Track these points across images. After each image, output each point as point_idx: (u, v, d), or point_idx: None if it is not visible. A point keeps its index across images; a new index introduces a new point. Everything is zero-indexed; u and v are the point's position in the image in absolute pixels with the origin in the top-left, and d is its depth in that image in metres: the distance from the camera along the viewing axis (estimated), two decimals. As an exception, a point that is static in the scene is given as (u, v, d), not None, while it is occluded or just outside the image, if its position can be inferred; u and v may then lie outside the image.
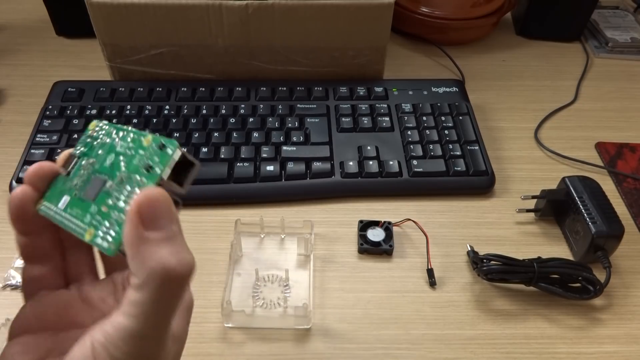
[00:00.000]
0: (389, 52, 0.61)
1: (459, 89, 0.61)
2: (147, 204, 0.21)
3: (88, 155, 0.26)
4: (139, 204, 0.21)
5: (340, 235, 0.48)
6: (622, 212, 0.50)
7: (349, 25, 0.57)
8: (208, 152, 0.52)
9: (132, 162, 0.24)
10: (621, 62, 0.72)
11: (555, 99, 0.64)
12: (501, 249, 0.45)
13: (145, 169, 0.23)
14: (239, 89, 0.59)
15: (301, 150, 0.53)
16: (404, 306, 0.43)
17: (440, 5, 0.69)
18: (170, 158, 0.23)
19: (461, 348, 0.41)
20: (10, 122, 0.58)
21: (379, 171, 0.52)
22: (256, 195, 0.50)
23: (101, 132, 0.27)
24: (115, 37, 0.57)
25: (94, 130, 0.27)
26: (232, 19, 0.56)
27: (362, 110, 0.57)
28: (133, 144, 0.25)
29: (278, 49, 0.59)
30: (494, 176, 0.52)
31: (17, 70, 0.65)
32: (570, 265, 0.43)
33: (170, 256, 0.21)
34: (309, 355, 0.40)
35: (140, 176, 0.23)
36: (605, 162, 0.56)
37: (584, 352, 0.41)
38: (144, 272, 0.21)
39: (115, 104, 0.56)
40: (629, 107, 0.64)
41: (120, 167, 0.24)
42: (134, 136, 0.25)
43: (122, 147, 0.25)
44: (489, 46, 0.73)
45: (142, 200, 0.21)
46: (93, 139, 0.27)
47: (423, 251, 0.47)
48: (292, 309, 0.42)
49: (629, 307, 0.44)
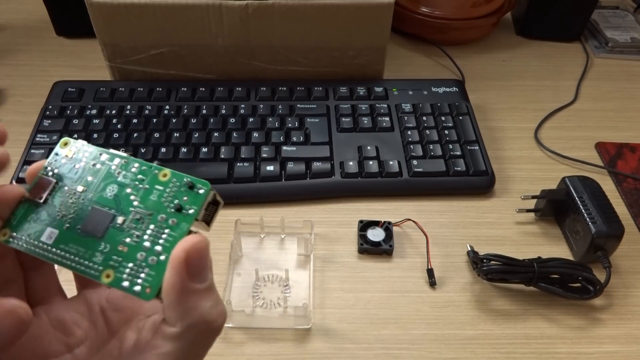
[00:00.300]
0: (389, 52, 0.61)
1: (459, 89, 0.61)
2: (195, 254, 0.20)
3: (71, 180, 0.24)
4: (188, 253, 0.20)
5: (340, 235, 0.48)
6: (622, 212, 0.50)
7: (349, 25, 0.57)
8: (208, 152, 0.52)
9: (150, 198, 0.23)
10: (621, 62, 0.72)
11: (555, 99, 0.64)
12: (501, 249, 0.45)
13: (176, 209, 0.22)
14: (239, 89, 0.59)
15: (301, 150, 0.53)
16: (404, 306, 0.43)
17: (440, 5, 0.69)
18: (204, 199, 0.23)
19: (461, 348, 0.41)
20: (10, 122, 0.58)
21: (379, 171, 0.52)
22: (256, 195, 0.50)
23: (82, 155, 0.24)
24: (115, 37, 0.57)
25: (69, 150, 0.24)
26: (232, 19, 0.56)
27: (362, 110, 0.57)
28: (144, 176, 0.23)
29: (278, 49, 0.59)
30: (494, 176, 0.53)
31: (17, 70, 0.65)
32: (570, 265, 0.43)
33: (212, 309, 0.21)
34: (309, 355, 0.40)
35: (170, 217, 0.22)
36: (605, 162, 0.56)
37: (584, 352, 0.41)
38: (184, 324, 0.20)
39: (115, 104, 0.56)
40: (629, 107, 0.64)
41: (131, 202, 0.23)
42: (141, 167, 0.24)
43: (126, 178, 0.23)
44: (489, 46, 0.73)
45: (191, 249, 0.20)
46: (72, 160, 0.24)
47: (423, 251, 0.47)
48: (292, 309, 0.42)
49: (629, 307, 0.44)
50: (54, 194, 0.24)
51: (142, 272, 0.21)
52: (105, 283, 0.22)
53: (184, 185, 0.23)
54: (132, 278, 0.21)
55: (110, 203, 0.23)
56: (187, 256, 0.20)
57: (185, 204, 0.22)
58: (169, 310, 0.21)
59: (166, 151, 0.52)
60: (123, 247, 0.22)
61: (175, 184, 0.23)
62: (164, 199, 0.23)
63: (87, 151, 0.24)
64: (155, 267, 0.21)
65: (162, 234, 0.22)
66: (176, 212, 0.22)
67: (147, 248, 0.22)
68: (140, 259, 0.22)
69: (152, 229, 0.22)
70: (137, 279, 0.21)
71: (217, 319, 0.21)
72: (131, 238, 0.22)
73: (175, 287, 0.20)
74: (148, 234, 0.22)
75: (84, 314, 0.25)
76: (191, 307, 0.20)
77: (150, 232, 0.22)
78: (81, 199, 0.23)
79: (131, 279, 0.21)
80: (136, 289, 0.21)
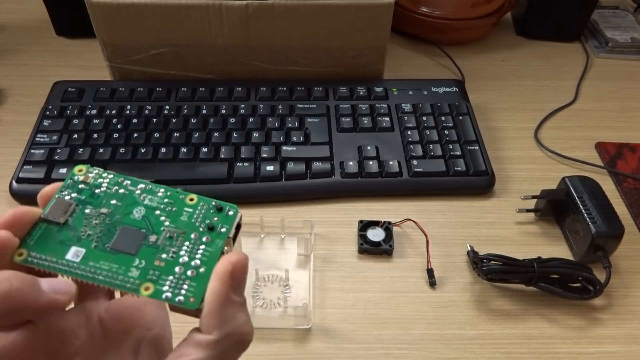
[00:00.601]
0: (389, 52, 0.61)
1: (459, 89, 0.61)
2: (240, 268, 0.22)
3: (93, 205, 0.25)
4: (234, 266, 0.22)
5: (340, 235, 0.48)
6: (622, 212, 0.50)
7: (349, 25, 0.57)
8: (208, 152, 0.52)
9: (180, 219, 0.25)
10: (621, 62, 0.72)
11: (555, 99, 0.64)
12: (501, 249, 0.45)
13: (208, 228, 0.24)
14: (239, 89, 0.59)
15: (301, 150, 0.53)
16: (404, 306, 0.43)
17: (440, 5, 0.69)
18: (234, 219, 0.25)
19: (461, 348, 0.41)
20: (10, 122, 0.58)
21: (379, 171, 0.52)
22: (256, 195, 0.50)
23: (102, 180, 0.26)
24: (115, 37, 0.57)
25: (86, 177, 0.26)
26: (232, 19, 0.56)
27: (362, 110, 0.57)
28: (171, 200, 0.25)
29: (278, 49, 0.59)
30: (494, 176, 0.53)
31: (17, 70, 0.65)
32: (570, 265, 0.43)
33: (246, 324, 0.22)
34: (309, 355, 0.40)
35: (202, 235, 0.24)
36: (605, 162, 0.56)
37: (584, 352, 0.41)
38: (221, 333, 0.21)
39: (115, 104, 0.56)
40: (629, 107, 0.64)
41: (162, 222, 0.25)
42: (167, 192, 0.26)
43: (153, 202, 0.25)
44: (489, 46, 0.73)
45: (237, 263, 0.22)
46: (91, 186, 0.25)
47: (423, 251, 0.47)
48: (292, 309, 0.42)
49: (629, 307, 0.44)
50: (74, 215, 0.24)
51: (184, 283, 0.23)
52: (145, 295, 0.22)
53: (213, 207, 0.25)
54: (173, 289, 0.23)
55: (140, 224, 0.24)
56: (233, 268, 0.22)
57: (217, 223, 0.25)
58: (209, 317, 0.22)
59: (166, 151, 0.52)
60: (160, 262, 0.23)
61: (204, 207, 0.25)
62: (194, 219, 0.25)
63: (107, 177, 0.26)
64: (196, 279, 0.23)
65: (198, 250, 0.24)
66: (209, 230, 0.24)
67: (185, 262, 0.23)
68: (179, 272, 0.23)
69: (187, 246, 0.24)
70: (180, 289, 0.23)
71: (249, 333, 0.23)
72: (167, 254, 0.24)
73: (220, 296, 0.21)
74: (184, 250, 0.24)
75: (82, 325, 0.25)
76: (230, 317, 0.22)
77: (186, 249, 0.24)
78: (107, 220, 0.24)
79: (172, 290, 0.23)
80: (180, 299, 0.22)
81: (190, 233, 0.24)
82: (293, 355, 0.40)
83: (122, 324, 0.26)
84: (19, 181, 0.50)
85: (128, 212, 0.25)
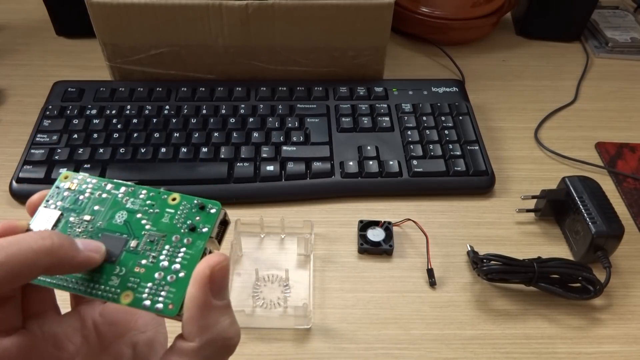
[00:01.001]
0: (389, 52, 0.61)
1: (459, 89, 0.61)
2: (219, 271, 0.21)
3: (77, 212, 0.24)
4: (212, 269, 0.21)
5: (340, 235, 0.48)
6: (622, 212, 0.50)
7: (349, 25, 0.57)
8: (208, 152, 0.52)
9: (162, 221, 0.24)
10: (621, 62, 0.72)
11: (555, 99, 0.64)
12: (501, 249, 0.45)
13: (189, 228, 0.24)
14: (239, 89, 0.59)
15: (301, 150, 0.53)
16: (404, 306, 0.43)
17: (440, 5, 0.69)
18: (216, 218, 0.24)
19: (461, 348, 0.41)
20: (10, 122, 0.58)
21: (379, 171, 0.52)
22: (256, 195, 0.50)
23: (86, 186, 0.25)
24: (115, 37, 0.57)
25: (71, 182, 0.25)
26: (232, 19, 0.56)
27: (362, 110, 0.57)
28: (153, 201, 0.25)
29: (278, 49, 0.59)
30: (494, 176, 0.52)
31: (17, 70, 0.65)
32: (570, 265, 0.43)
33: (230, 327, 0.22)
34: (309, 355, 0.40)
35: (184, 236, 0.23)
36: (605, 162, 0.56)
37: (584, 352, 0.41)
38: (203, 339, 0.21)
39: (115, 104, 0.56)
40: (629, 107, 0.64)
41: (143, 225, 0.24)
42: (149, 193, 0.25)
43: (135, 205, 0.24)
44: (489, 46, 0.73)
45: (215, 266, 0.21)
46: (76, 192, 0.25)
47: (423, 251, 0.47)
48: (292, 309, 0.42)
49: (629, 307, 0.44)
50: (59, 225, 0.24)
51: (162, 290, 0.22)
52: (124, 304, 0.22)
53: (195, 206, 0.24)
54: (152, 297, 0.22)
55: (121, 229, 0.24)
56: (211, 272, 0.21)
57: (198, 223, 0.24)
58: (189, 325, 0.21)
59: (166, 151, 0.52)
60: (139, 268, 0.23)
61: (186, 206, 0.24)
62: (176, 220, 0.24)
63: (90, 182, 0.25)
64: (175, 284, 0.22)
65: (178, 253, 0.23)
66: (190, 231, 0.24)
67: (165, 267, 0.23)
68: (159, 278, 0.23)
69: (167, 249, 0.23)
70: (158, 297, 0.22)
71: (234, 337, 0.22)
72: (147, 259, 0.23)
73: (199, 302, 0.21)
74: (164, 254, 0.23)
75: (77, 329, 0.25)
76: (211, 323, 0.21)
77: (166, 252, 0.23)
78: (89, 227, 0.24)
79: (152, 298, 0.22)
80: (158, 306, 0.22)
81: (171, 235, 0.24)
82: (293, 355, 0.40)
83: (116, 327, 0.26)
84: (19, 181, 0.50)
85: (110, 217, 0.24)
